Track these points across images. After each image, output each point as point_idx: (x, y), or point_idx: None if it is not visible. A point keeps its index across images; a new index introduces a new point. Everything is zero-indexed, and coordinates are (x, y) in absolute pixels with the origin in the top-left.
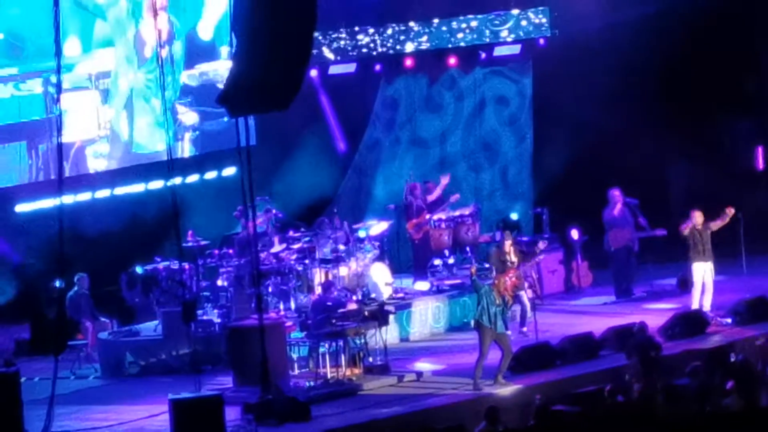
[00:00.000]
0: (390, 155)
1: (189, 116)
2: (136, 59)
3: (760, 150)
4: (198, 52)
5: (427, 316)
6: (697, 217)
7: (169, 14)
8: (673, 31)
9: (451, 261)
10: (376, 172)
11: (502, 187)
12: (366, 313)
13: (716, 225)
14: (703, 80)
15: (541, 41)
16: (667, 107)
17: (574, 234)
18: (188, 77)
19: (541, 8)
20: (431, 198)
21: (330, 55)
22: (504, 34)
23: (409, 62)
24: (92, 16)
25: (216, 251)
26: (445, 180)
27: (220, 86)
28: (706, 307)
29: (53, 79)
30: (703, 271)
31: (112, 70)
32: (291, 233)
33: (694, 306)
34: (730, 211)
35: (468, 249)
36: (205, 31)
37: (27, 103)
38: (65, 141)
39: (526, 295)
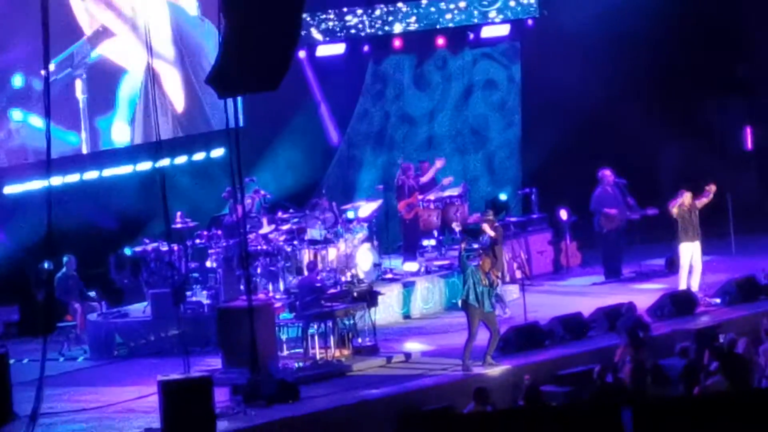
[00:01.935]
0: (379, 128)
1: None
2: None
3: (748, 130)
4: None
5: (416, 296)
6: (687, 196)
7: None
8: (662, 12)
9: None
10: (366, 144)
11: (488, 174)
12: (355, 294)
13: (701, 203)
14: (692, 61)
15: (530, 22)
16: (657, 88)
17: (563, 214)
18: None
19: None
20: (423, 179)
21: (318, 36)
22: (492, 14)
23: (397, 43)
24: None
25: (205, 232)
26: (439, 163)
27: None
28: (694, 287)
29: None
30: (690, 252)
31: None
32: (280, 214)
33: (681, 287)
34: (712, 188)
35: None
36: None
37: None
38: None
39: (500, 278)
